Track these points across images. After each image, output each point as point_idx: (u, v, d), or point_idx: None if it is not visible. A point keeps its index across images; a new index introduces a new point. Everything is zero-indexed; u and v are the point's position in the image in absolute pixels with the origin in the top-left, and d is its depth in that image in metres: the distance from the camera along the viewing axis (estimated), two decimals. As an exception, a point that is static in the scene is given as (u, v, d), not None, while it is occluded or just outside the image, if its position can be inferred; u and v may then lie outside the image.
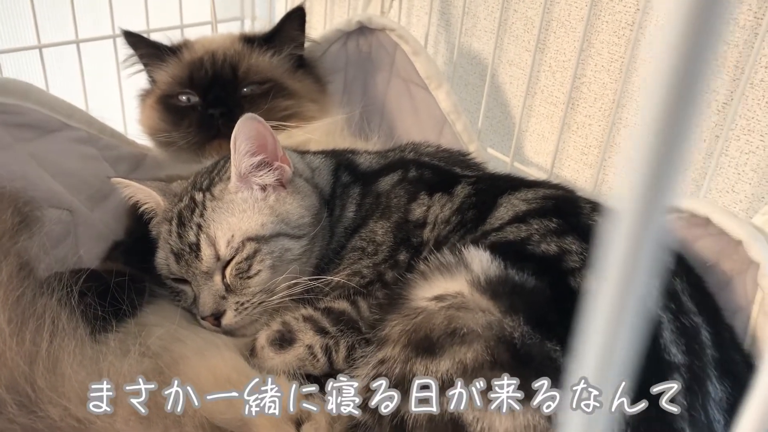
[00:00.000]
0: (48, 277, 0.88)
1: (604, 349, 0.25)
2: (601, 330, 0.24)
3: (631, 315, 0.23)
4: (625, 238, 0.23)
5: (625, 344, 0.24)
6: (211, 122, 1.28)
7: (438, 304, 0.76)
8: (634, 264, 0.23)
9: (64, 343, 0.78)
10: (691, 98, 0.21)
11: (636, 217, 0.22)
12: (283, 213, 0.97)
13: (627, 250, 0.23)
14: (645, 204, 0.22)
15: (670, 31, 0.20)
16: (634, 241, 0.23)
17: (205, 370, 0.85)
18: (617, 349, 0.24)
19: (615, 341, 0.24)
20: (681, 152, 0.21)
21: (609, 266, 0.23)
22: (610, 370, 0.24)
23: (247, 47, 1.38)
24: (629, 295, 0.23)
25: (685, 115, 0.21)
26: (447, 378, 0.70)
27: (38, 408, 0.72)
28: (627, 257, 0.23)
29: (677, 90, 0.21)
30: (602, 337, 0.24)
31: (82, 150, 1.26)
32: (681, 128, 0.21)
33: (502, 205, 0.92)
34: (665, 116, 0.21)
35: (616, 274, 0.23)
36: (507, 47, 1.53)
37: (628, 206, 0.22)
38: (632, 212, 0.22)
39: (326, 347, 0.90)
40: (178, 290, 1.00)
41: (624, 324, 0.24)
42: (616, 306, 0.24)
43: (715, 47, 0.20)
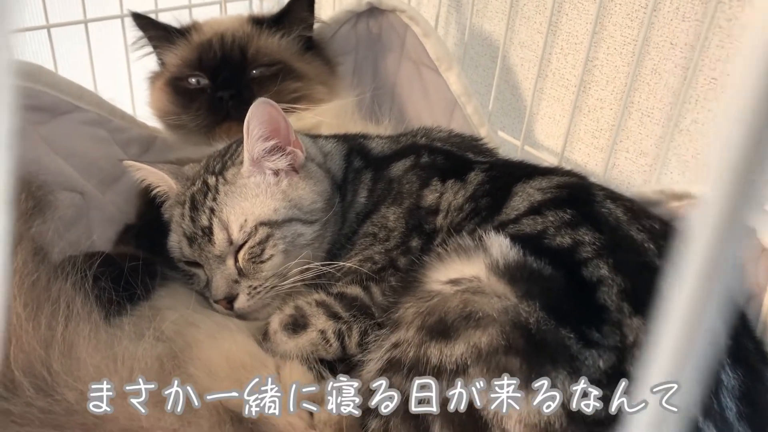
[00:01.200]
0: (62, 261, 0.88)
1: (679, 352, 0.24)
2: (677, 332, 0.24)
3: (711, 317, 0.23)
4: (709, 233, 0.22)
5: (704, 340, 0.24)
6: (220, 105, 1.28)
7: (453, 288, 0.77)
8: (714, 273, 0.23)
9: (79, 328, 0.79)
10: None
11: (719, 225, 0.22)
12: (295, 198, 0.97)
13: (711, 246, 0.22)
14: (733, 200, 0.21)
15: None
16: (719, 238, 0.22)
17: (218, 355, 0.85)
18: (695, 343, 0.24)
19: (694, 336, 0.24)
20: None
21: (688, 272, 0.23)
22: (686, 370, 0.24)
23: (256, 29, 1.37)
24: (709, 299, 0.23)
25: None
26: (461, 362, 0.71)
27: (55, 391, 0.73)
28: (708, 256, 0.22)
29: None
30: (680, 334, 0.24)
31: (93, 132, 1.26)
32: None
33: (517, 194, 0.92)
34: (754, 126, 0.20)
35: (695, 280, 0.23)
36: (518, 29, 1.51)
37: (713, 205, 0.22)
38: (716, 216, 0.22)
39: (339, 332, 0.90)
40: (191, 273, 1.01)
41: (702, 326, 0.24)
42: (695, 308, 0.23)
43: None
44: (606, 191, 0.92)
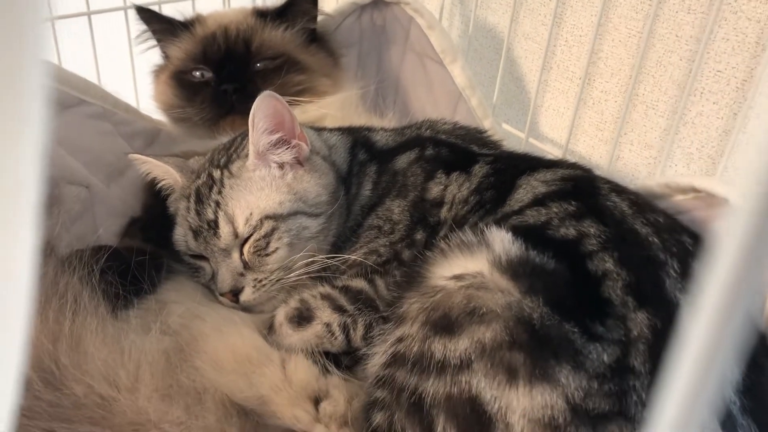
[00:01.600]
0: (69, 255, 0.89)
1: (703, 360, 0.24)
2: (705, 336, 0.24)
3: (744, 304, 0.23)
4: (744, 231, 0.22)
5: (735, 339, 0.24)
6: (224, 98, 1.28)
7: (457, 284, 0.77)
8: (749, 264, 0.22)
9: (86, 322, 0.80)
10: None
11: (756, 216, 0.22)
12: (300, 191, 0.97)
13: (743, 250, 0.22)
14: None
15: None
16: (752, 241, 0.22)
17: (224, 348, 0.86)
18: (725, 343, 0.24)
19: (724, 333, 0.24)
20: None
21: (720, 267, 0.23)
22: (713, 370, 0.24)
23: (259, 22, 1.37)
24: (739, 299, 0.23)
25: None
26: (465, 357, 0.71)
27: (63, 385, 0.74)
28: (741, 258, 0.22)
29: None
30: (711, 332, 0.24)
31: (98, 125, 1.26)
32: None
33: (522, 186, 0.92)
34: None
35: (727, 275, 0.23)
36: (523, 21, 1.51)
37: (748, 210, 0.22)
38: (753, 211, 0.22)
39: (344, 325, 0.90)
40: (197, 267, 1.01)
41: (736, 317, 0.24)
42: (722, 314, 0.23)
43: None
44: (611, 184, 0.92)
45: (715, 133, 1.20)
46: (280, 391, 0.82)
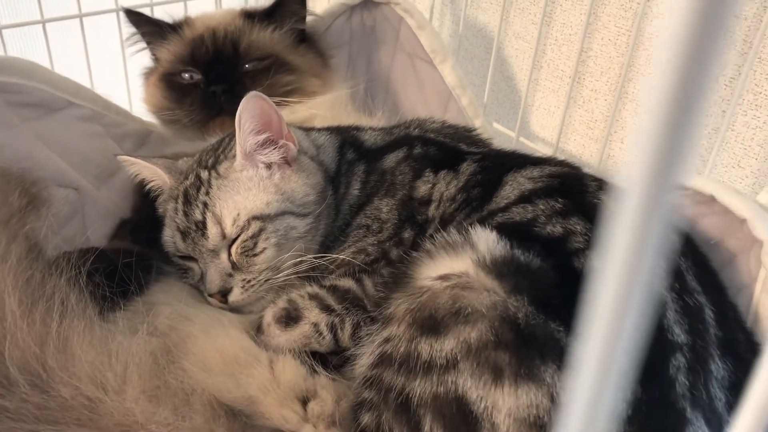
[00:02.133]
0: (56, 258, 0.89)
1: (609, 333, 0.25)
2: (607, 310, 0.24)
3: (639, 296, 0.23)
4: (632, 216, 0.22)
5: (632, 327, 0.24)
6: (213, 99, 1.28)
7: (443, 284, 0.77)
8: (642, 243, 0.22)
9: (73, 324, 0.79)
10: (703, 75, 0.20)
11: (644, 196, 0.22)
12: (288, 191, 0.97)
13: (634, 230, 0.22)
14: (654, 182, 0.21)
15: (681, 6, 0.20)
16: (642, 220, 0.22)
17: (212, 349, 0.86)
18: (623, 333, 0.24)
19: (621, 323, 0.24)
20: (691, 130, 0.21)
21: (615, 245, 0.23)
22: (615, 353, 0.24)
23: (247, 23, 1.37)
24: (636, 275, 0.23)
25: (695, 92, 0.21)
26: (451, 357, 0.71)
27: (50, 388, 0.74)
28: (634, 236, 0.22)
29: (688, 66, 0.20)
30: (608, 319, 0.24)
31: (88, 128, 1.26)
32: (691, 105, 0.21)
33: (508, 183, 0.92)
34: (675, 94, 0.21)
35: (622, 252, 0.23)
36: (513, 20, 1.51)
37: (636, 184, 0.22)
38: (640, 191, 0.22)
39: (332, 325, 0.90)
40: (186, 268, 1.01)
41: (631, 305, 0.24)
42: (622, 286, 0.24)
43: (726, 24, 0.20)
44: (598, 182, 0.92)
45: (704, 131, 1.20)
46: (268, 392, 0.82)
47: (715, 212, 0.93)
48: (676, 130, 0.21)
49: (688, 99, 0.21)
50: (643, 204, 0.22)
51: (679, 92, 0.21)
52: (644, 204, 0.22)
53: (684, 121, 0.21)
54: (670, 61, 0.20)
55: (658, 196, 0.22)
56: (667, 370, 0.70)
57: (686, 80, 0.20)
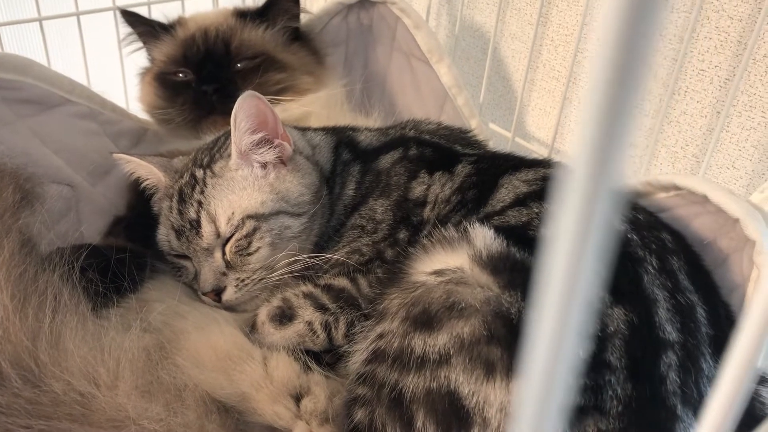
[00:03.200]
0: (50, 253, 0.89)
1: (558, 316, 0.25)
2: (556, 293, 0.24)
3: (584, 280, 0.24)
4: (577, 200, 0.23)
5: (578, 313, 0.24)
6: (204, 99, 1.28)
7: (437, 279, 0.77)
8: (587, 225, 0.23)
9: (66, 319, 0.79)
10: (636, 63, 0.21)
11: (587, 180, 0.22)
12: (283, 191, 0.97)
13: (579, 212, 0.23)
14: (595, 166, 0.22)
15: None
16: (587, 203, 0.23)
17: (205, 345, 0.86)
18: (570, 321, 0.24)
19: (568, 311, 0.24)
20: (628, 118, 0.22)
21: (562, 227, 0.23)
22: (565, 335, 0.25)
23: (240, 22, 1.37)
24: (581, 260, 0.23)
25: (631, 81, 0.21)
26: (444, 352, 0.71)
27: (42, 382, 0.74)
28: (580, 219, 0.23)
29: (622, 54, 0.21)
30: (556, 304, 0.25)
31: (84, 125, 1.26)
32: (628, 94, 0.21)
33: (503, 186, 0.92)
34: (613, 81, 0.21)
35: (569, 233, 0.23)
36: (509, 20, 1.52)
37: (579, 169, 0.22)
38: (584, 174, 0.22)
39: (326, 323, 0.91)
40: (180, 266, 1.01)
41: (577, 290, 0.24)
42: (568, 270, 0.24)
43: (656, 15, 0.20)
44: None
45: (698, 132, 1.21)
46: (261, 388, 0.82)
47: (708, 212, 0.94)
48: (611, 121, 0.21)
49: (621, 91, 0.21)
50: (586, 189, 0.22)
51: (612, 87, 0.21)
52: (587, 189, 0.22)
53: (617, 112, 0.21)
54: (602, 52, 0.21)
55: (600, 182, 0.22)
56: (659, 367, 0.70)
57: (618, 74, 0.21)
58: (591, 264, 0.23)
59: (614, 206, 0.22)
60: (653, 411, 0.68)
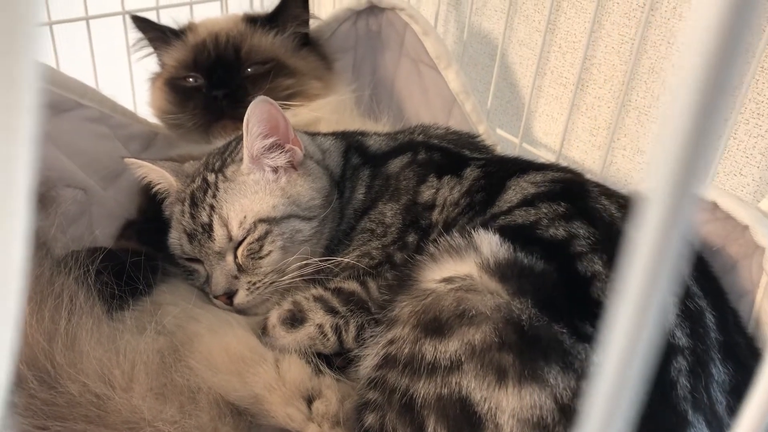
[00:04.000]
0: (65, 256, 0.90)
1: (627, 343, 0.25)
2: (627, 319, 0.25)
3: (656, 306, 0.24)
4: (654, 226, 0.23)
5: (648, 338, 0.25)
6: (214, 104, 1.29)
7: (447, 286, 0.78)
8: (662, 253, 0.23)
9: (81, 321, 0.80)
10: (723, 89, 0.21)
11: (666, 207, 0.22)
12: (294, 195, 0.98)
13: (655, 240, 0.23)
14: (674, 192, 0.22)
15: (706, 19, 0.20)
16: (664, 230, 0.23)
17: (218, 348, 0.87)
18: (640, 344, 0.25)
19: (639, 334, 0.25)
20: (711, 143, 0.21)
21: (636, 257, 0.24)
22: (632, 363, 0.25)
23: (249, 28, 1.39)
24: (656, 285, 0.23)
25: (716, 106, 0.21)
26: (455, 358, 0.72)
27: (58, 384, 0.75)
28: (655, 246, 0.23)
29: (710, 80, 0.21)
30: (627, 328, 0.25)
31: (95, 129, 1.27)
32: (712, 119, 0.21)
33: (511, 187, 0.93)
34: (697, 107, 0.21)
35: (643, 262, 0.24)
36: (517, 27, 1.52)
37: (658, 195, 0.22)
38: (662, 201, 0.22)
39: (336, 327, 0.91)
40: (191, 269, 1.02)
41: (649, 316, 0.24)
42: (641, 297, 0.24)
43: (748, 38, 0.20)
44: (601, 187, 0.93)
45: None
46: (273, 390, 0.82)
47: (717, 219, 0.94)
48: (697, 140, 0.21)
49: (711, 106, 0.21)
50: (665, 215, 0.22)
51: (702, 100, 0.21)
52: (665, 215, 0.22)
53: (705, 130, 0.21)
54: (693, 69, 0.21)
55: (679, 207, 0.22)
56: (669, 372, 0.70)
57: (709, 89, 0.21)
58: (664, 294, 0.23)
59: (688, 237, 0.23)
60: (664, 416, 0.69)
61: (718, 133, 0.21)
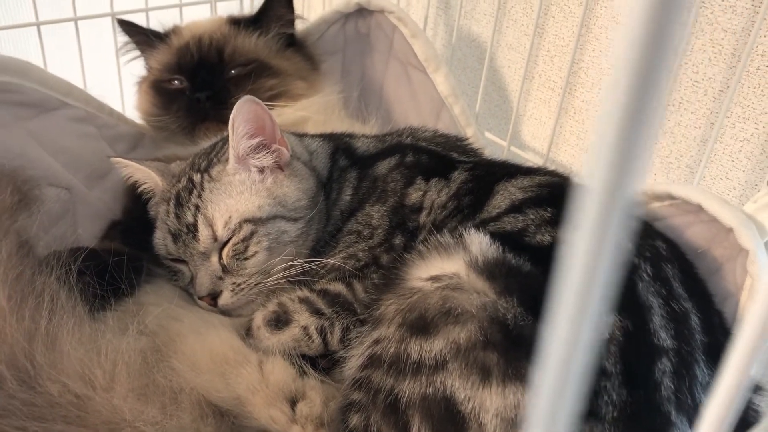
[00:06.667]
0: (47, 256, 0.89)
1: (570, 324, 0.25)
2: (570, 304, 0.25)
3: (597, 293, 0.24)
4: (592, 216, 0.23)
5: (592, 323, 0.25)
6: (198, 106, 1.29)
7: (434, 285, 0.78)
8: (602, 239, 0.23)
9: (62, 321, 0.79)
10: (655, 80, 0.21)
11: (603, 193, 0.23)
12: (280, 195, 0.97)
13: (594, 228, 0.23)
14: (611, 183, 0.22)
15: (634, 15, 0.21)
16: (601, 220, 0.23)
17: (201, 349, 0.86)
18: (583, 328, 0.25)
19: (582, 319, 0.25)
20: (646, 134, 0.22)
21: (577, 241, 0.24)
22: (576, 346, 0.25)
23: (233, 29, 1.39)
24: (598, 266, 0.24)
25: (649, 97, 0.22)
26: (440, 357, 0.72)
27: (37, 384, 0.74)
28: (594, 233, 0.23)
29: (642, 72, 0.21)
30: (570, 313, 0.25)
31: (81, 128, 1.26)
32: (645, 111, 0.22)
33: (499, 192, 0.93)
34: (630, 99, 0.22)
35: (585, 245, 0.24)
36: (506, 31, 1.53)
37: (595, 185, 0.23)
38: (599, 191, 0.23)
39: (321, 328, 0.91)
40: (176, 270, 1.02)
41: (591, 300, 0.25)
42: (584, 278, 0.24)
43: (675, 32, 0.21)
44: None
45: (693, 143, 1.22)
46: (256, 392, 0.82)
47: (702, 221, 0.94)
48: (631, 132, 0.22)
49: (642, 100, 0.21)
50: (603, 200, 0.23)
51: (633, 94, 0.21)
52: (604, 200, 0.23)
53: (638, 123, 0.21)
54: (624, 65, 0.21)
55: (617, 194, 0.22)
56: (653, 373, 0.70)
57: (640, 83, 0.21)
58: (604, 278, 0.24)
59: (628, 221, 0.23)
60: (648, 417, 0.68)
61: (649, 129, 0.22)
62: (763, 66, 1.09)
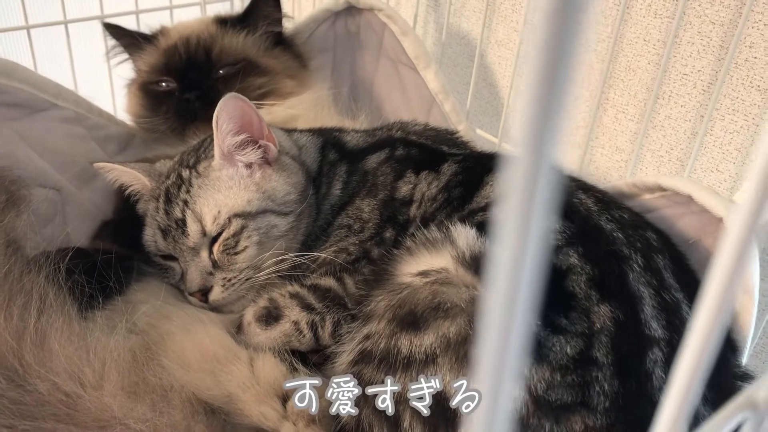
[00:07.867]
0: (36, 256, 0.88)
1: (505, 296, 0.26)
2: (503, 278, 0.25)
3: (529, 261, 0.25)
4: (518, 184, 0.24)
5: (526, 293, 0.25)
6: (187, 106, 1.29)
7: (423, 280, 0.77)
8: (529, 204, 0.24)
9: (51, 319, 0.79)
10: (567, 56, 0.22)
11: (526, 165, 0.24)
12: (269, 190, 0.97)
13: (521, 195, 0.24)
14: (534, 150, 0.23)
15: None
16: (527, 183, 0.24)
17: (191, 347, 0.86)
18: (521, 286, 0.25)
19: (518, 278, 0.25)
20: (561, 103, 0.23)
21: (507, 207, 0.25)
22: (513, 320, 0.25)
23: (220, 29, 1.38)
24: (525, 239, 0.24)
25: (562, 76, 0.23)
26: (430, 352, 0.72)
27: (26, 382, 0.73)
28: (521, 200, 0.24)
29: (554, 49, 0.22)
30: (504, 284, 0.25)
31: (70, 129, 1.26)
32: (559, 86, 0.23)
33: (489, 183, 0.93)
34: (544, 74, 0.22)
35: (514, 211, 0.25)
36: (496, 27, 1.53)
37: (519, 154, 0.23)
38: (524, 158, 0.24)
39: (312, 323, 0.91)
40: (166, 267, 1.01)
41: (523, 273, 0.25)
42: (514, 253, 0.25)
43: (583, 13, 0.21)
44: (578, 182, 0.94)
45: (683, 136, 1.22)
46: (247, 389, 0.81)
47: (692, 212, 0.94)
48: (547, 105, 0.23)
49: (555, 78, 0.23)
50: (528, 165, 0.24)
51: (546, 72, 0.22)
52: (528, 165, 0.24)
53: (552, 98, 0.23)
54: (537, 46, 0.22)
55: (540, 159, 0.23)
56: (645, 363, 0.70)
57: (552, 60, 0.22)
58: (535, 244, 0.24)
59: (553, 186, 0.24)
60: (640, 407, 0.68)
61: (564, 103, 0.23)
62: (751, 58, 1.10)
